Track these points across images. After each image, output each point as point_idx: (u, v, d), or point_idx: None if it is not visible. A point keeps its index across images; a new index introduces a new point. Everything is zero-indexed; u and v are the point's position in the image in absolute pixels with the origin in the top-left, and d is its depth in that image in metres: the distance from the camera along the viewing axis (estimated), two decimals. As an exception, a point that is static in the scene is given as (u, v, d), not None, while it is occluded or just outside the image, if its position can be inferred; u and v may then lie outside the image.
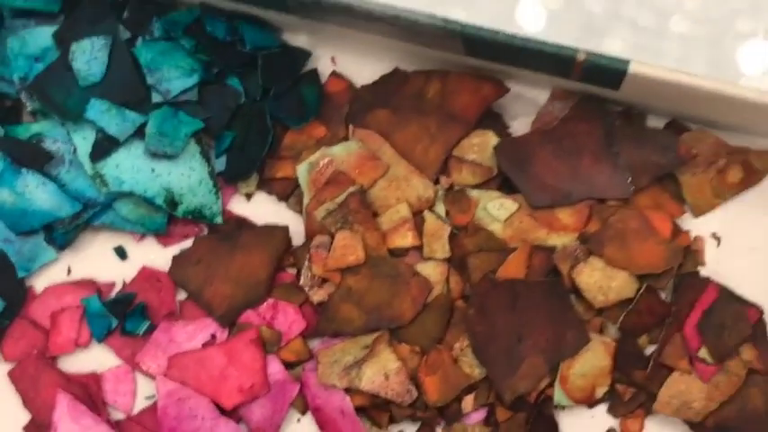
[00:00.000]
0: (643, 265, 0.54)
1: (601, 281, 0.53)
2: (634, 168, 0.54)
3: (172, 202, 0.55)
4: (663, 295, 0.54)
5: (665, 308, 0.54)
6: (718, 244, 0.55)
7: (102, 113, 0.54)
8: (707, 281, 0.54)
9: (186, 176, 0.55)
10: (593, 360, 0.54)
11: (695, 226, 0.55)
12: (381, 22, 0.52)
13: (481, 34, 0.51)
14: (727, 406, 0.53)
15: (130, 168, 0.54)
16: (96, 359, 0.55)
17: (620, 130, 0.55)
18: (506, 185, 0.55)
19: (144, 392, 0.55)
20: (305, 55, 0.57)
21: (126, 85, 0.54)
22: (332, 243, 0.54)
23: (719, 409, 0.53)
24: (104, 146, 0.54)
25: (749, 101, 0.50)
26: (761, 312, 0.54)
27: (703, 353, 0.53)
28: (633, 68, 0.50)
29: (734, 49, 0.56)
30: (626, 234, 0.54)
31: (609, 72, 0.51)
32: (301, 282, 0.55)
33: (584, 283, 0.53)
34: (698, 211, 0.55)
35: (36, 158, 0.54)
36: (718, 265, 0.55)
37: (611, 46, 0.56)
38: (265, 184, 0.56)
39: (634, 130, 0.55)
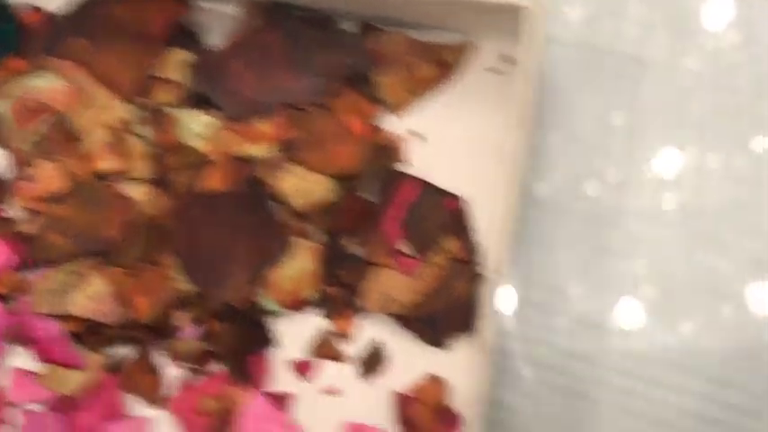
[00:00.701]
0: (342, 166, 0.54)
1: (301, 185, 0.54)
2: (327, 73, 0.55)
3: None
4: (366, 195, 0.55)
5: (367, 207, 0.54)
6: (419, 141, 0.56)
7: None
8: (407, 177, 0.55)
9: None
10: (298, 264, 0.54)
11: (394, 125, 0.56)
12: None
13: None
14: (432, 297, 0.54)
15: None
16: None
17: (311, 36, 0.55)
18: (205, 101, 0.55)
19: None
20: (-2, -10, 0.57)
21: None
22: (36, 174, 0.54)
23: (425, 301, 0.54)
24: None
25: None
26: (460, 202, 0.54)
27: (406, 247, 0.54)
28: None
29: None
30: (324, 138, 0.54)
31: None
32: (8, 214, 0.55)
33: (284, 190, 0.54)
34: (395, 110, 0.56)
35: None
36: (419, 161, 0.55)
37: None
38: (-32, 122, 0.56)
39: (325, 35, 0.55)
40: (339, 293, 0.55)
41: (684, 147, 0.55)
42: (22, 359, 0.55)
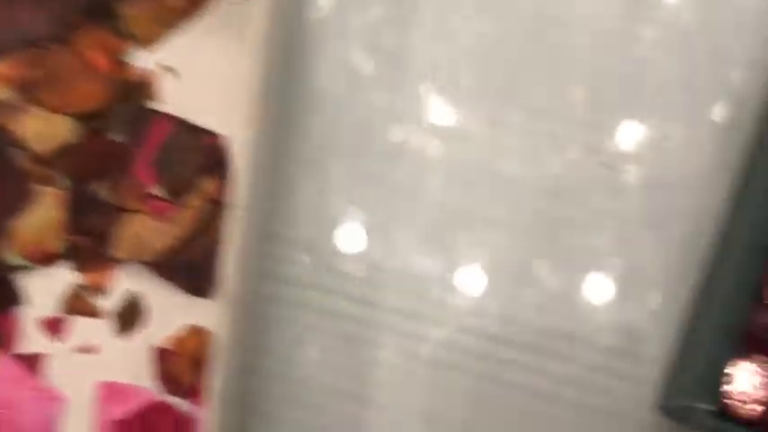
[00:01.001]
0: (86, 106, 0.50)
1: (42, 128, 0.50)
2: (67, 5, 0.51)
3: None
4: (115, 136, 0.51)
5: (116, 148, 0.51)
6: (171, 76, 0.52)
7: None
8: (159, 115, 0.51)
9: None
10: (42, 213, 0.50)
11: (144, 59, 0.52)
12: None
13: None
14: (190, 243, 0.51)
15: None
16: None
17: (46, -34, 0.51)
18: (-68, 42, 0.51)
19: None
20: None
21: None
22: None
23: (183, 247, 0.50)
24: None
25: None
26: (217, 139, 0.51)
27: (159, 190, 0.50)
28: None
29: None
30: (65, 76, 0.50)
31: None
32: None
33: (23, 133, 0.50)
34: (145, 44, 0.52)
35: None
36: (172, 98, 0.52)
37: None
38: None
39: (62, -35, 0.51)
40: (89, 243, 0.51)
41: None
42: None
